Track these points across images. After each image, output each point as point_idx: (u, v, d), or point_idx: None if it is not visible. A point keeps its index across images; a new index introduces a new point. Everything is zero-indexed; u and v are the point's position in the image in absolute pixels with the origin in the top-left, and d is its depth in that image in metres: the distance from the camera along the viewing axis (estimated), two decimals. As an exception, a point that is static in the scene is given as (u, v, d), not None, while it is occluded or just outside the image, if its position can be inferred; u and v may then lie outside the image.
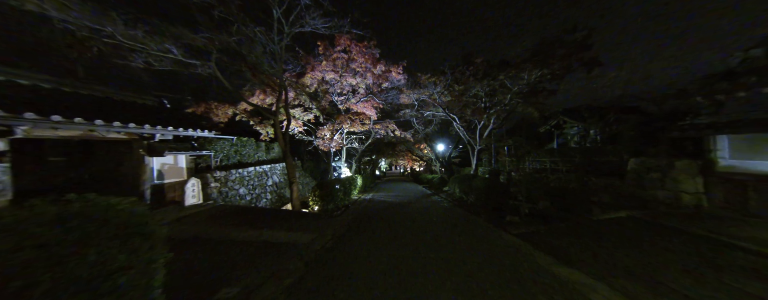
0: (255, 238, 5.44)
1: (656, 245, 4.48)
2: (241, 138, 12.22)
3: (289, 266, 4.08)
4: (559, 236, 5.27)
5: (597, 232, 5.35)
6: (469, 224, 6.97)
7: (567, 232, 5.48)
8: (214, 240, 5.22)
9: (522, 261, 4.18)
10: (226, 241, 5.14)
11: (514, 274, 3.68)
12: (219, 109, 11.85)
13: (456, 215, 8.36)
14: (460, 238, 5.59)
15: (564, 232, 5.52)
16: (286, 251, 4.71)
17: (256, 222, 6.77)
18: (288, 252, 4.68)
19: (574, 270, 3.73)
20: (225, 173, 10.12)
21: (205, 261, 4.10)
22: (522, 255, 4.42)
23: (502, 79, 12.50)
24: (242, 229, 6.08)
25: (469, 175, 12.70)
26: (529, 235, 5.48)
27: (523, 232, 5.77)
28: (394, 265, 4.13)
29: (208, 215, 7.08)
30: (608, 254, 4.24)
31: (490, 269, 3.89)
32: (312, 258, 4.45)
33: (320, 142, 13.41)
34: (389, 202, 11.74)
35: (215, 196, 9.12)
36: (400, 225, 6.99)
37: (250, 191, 11.62)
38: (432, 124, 18.39)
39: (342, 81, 11.90)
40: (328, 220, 7.64)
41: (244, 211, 7.89)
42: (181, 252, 4.38)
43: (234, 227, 6.17)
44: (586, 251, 4.40)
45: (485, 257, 4.39)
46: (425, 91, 12.99)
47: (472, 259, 4.30)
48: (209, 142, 9.53)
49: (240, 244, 4.97)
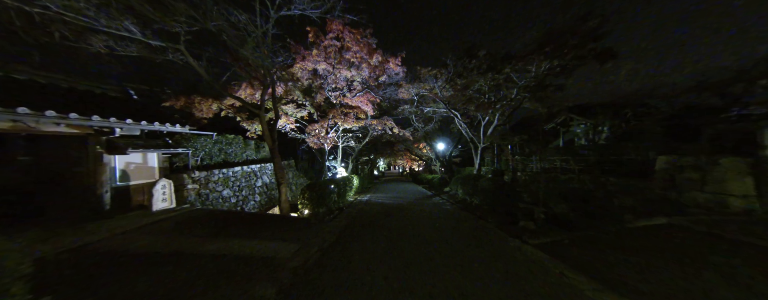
0: (224, 252, 4.52)
1: (727, 264, 3.60)
2: (226, 135, 11.27)
3: (255, 294, 3.17)
4: (590, 249, 4.40)
5: (637, 243, 4.48)
6: (479, 232, 6.08)
7: (599, 244, 4.60)
8: (172, 255, 4.29)
9: (554, 285, 3.30)
10: (187, 257, 4.22)
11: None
12: (202, 104, 10.92)
13: (462, 220, 7.48)
14: (473, 251, 4.70)
15: (595, 243, 4.65)
16: (258, 270, 3.80)
17: (232, 230, 5.84)
18: (260, 272, 3.77)
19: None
20: (206, 173, 9.17)
21: (142, 290, 3.17)
22: (553, 276, 3.54)
23: (508, 72, 11.66)
24: (213, 239, 5.16)
25: (473, 176, 11.84)
26: (552, 247, 4.61)
27: (543, 242, 4.90)
28: (393, 294, 3.23)
29: (177, 222, 6.14)
30: (666, 275, 3.37)
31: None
32: (288, 281, 3.54)
33: (311, 139, 12.46)
34: (387, 205, 10.85)
35: (193, 199, 8.18)
36: (399, 233, 6.09)
37: (235, 193, 10.67)
38: (432, 122, 17.52)
39: (336, 74, 10.97)
40: (318, 226, 6.73)
41: (223, 217, 6.96)
42: (117, 276, 3.46)
43: (203, 237, 5.24)
44: (634, 270, 3.52)
45: (508, 279, 3.51)
46: (425, 85, 12.11)
47: (493, 284, 3.41)
48: (186, 139, 8.59)
49: (202, 261, 4.05)
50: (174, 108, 9.59)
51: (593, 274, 3.49)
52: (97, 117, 4.82)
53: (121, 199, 6.51)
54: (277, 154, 9.30)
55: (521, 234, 5.61)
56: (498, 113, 12.58)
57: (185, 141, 8.55)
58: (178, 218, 6.42)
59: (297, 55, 10.17)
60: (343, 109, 11.08)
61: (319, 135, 11.97)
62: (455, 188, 12.90)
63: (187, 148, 8.33)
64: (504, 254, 4.41)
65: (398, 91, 13.39)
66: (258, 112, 8.36)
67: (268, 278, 3.57)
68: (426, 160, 30.70)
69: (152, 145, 7.14)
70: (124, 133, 6.31)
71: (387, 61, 10.79)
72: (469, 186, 10.82)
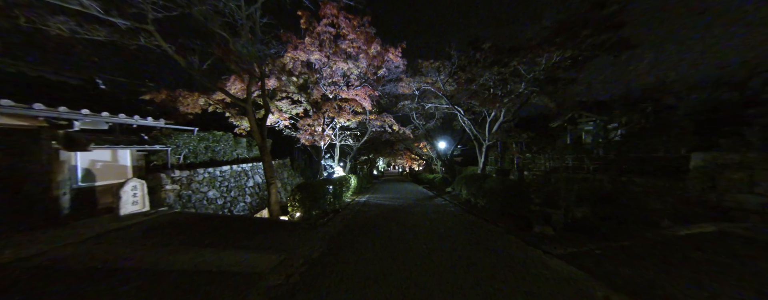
0: (192, 266, 3.76)
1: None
2: (213, 132, 10.50)
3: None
4: (632, 263, 3.66)
5: (689, 257, 3.74)
6: (491, 239, 5.34)
7: (640, 257, 3.87)
8: (126, 271, 3.54)
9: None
10: (144, 274, 3.47)
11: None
12: (188, 98, 10.12)
13: (469, 224, 6.73)
14: (489, 265, 3.95)
15: (634, 255, 3.91)
16: (226, 292, 3.06)
17: (209, 237, 5.09)
18: (229, 293, 3.02)
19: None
20: (188, 173, 8.40)
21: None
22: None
23: (515, 65, 10.91)
24: (183, 249, 4.41)
25: (477, 175, 11.10)
26: (582, 259, 3.87)
27: (569, 252, 4.16)
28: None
29: (147, 228, 5.38)
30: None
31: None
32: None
33: (304, 135, 11.69)
34: (387, 206, 10.10)
35: (172, 201, 7.41)
36: (400, 241, 5.34)
37: (223, 194, 9.90)
38: (433, 119, 16.77)
39: (331, 65, 10.19)
40: (308, 232, 5.98)
41: (202, 222, 6.20)
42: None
43: (172, 247, 4.48)
44: (700, 296, 2.79)
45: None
46: (427, 79, 11.36)
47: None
48: (166, 136, 7.82)
49: (161, 279, 3.30)
50: (154, 102, 8.81)
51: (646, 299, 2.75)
52: (41, 105, 4.06)
53: (84, 202, 5.75)
54: (266, 152, 8.55)
55: (540, 242, 4.87)
56: (504, 109, 11.84)
57: (164, 137, 7.79)
58: (149, 224, 5.66)
59: (288, 44, 9.37)
60: (338, 103, 10.28)
61: (312, 131, 11.17)
62: (459, 188, 12.17)
63: (166, 145, 7.56)
64: (526, 269, 3.67)
65: (398, 86, 12.64)
66: (245, 106, 7.59)
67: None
68: (426, 159, 29.97)
69: (124, 142, 6.38)
70: (86, 126, 5.55)
71: (386, 51, 10.03)
72: (474, 186, 10.08)
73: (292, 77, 12.35)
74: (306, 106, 14.05)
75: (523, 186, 7.29)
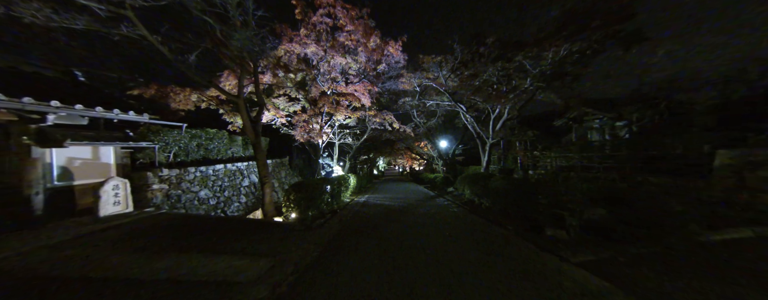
0: (167, 275, 3.35)
1: None
2: (206, 129, 10.09)
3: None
4: (663, 273, 3.24)
5: (732, 267, 3.32)
6: (500, 242, 4.92)
7: (671, 266, 3.45)
8: (91, 280, 3.13)
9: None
10: (116, 283, 3.06)
11: None
12: (179, 94, 9.73)
13: (475, 226, 6.31)
14: (501, 273, 3.54)
15: (665, 264, 3.49)
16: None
17: (195, 241, 4.68)
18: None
19: None
20: (178, 172, 7.99)
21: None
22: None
23: (520, 60, 10.49)
24: (162, 254, 4.00)
25: (481, 175, 10.68)
26: (605, 268, 3.45)
27: (590, 260, 3.74)
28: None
29: (127, 231, 4.97)
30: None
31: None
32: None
33: (299, 132, 11.26)
34: (387, 207, 9.69)
35: (159, 201, 7.00)
36: (401, 244, 4.93)
37: (215, 194, 9.49)
38: (435, 117, 16.34)
39: (328, 59, 9.76)
40: (303, 234, 5.57)
41: (189, 223, 5.79)
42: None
43: (152, 253, 4.08)
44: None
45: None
46: (429, 74, 10.93)
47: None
48: (154, 132, 7.41)
49: (133, 290, 2.89)
50: (143, 97, 8.40)
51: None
52: (1, 95, 3.64)
53: (61, 203, 5.34)
54: (261, 150, 8.15)
55: (555, 247, 4.45)
56: (508, 106, 11.41)
57: (152, 134, 7.37)
58: (131, 226, 5.25)
59: (283, 36, 8.94)
60: (335, 97, 9.84)
61: (307, 127, 10.74)
62: (462, 188, 11.75)
63: (153, 143, 7.15)
64: (546, 280, 3.25)
65: (399, 82, 12.21)
66: (237, 101, 7.18)
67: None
68: (427, 158, 29.55)
69: (106, 138, 5.97)
70: (62, 121, 5.14)
71: (386, 45, 9.59)
72: (478, 186, 9.66)
73: (290, 74, 11.94)
74: (304, 104, 13.65)
75: (530, 185, 6.87)
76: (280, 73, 11.33)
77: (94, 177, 5.96)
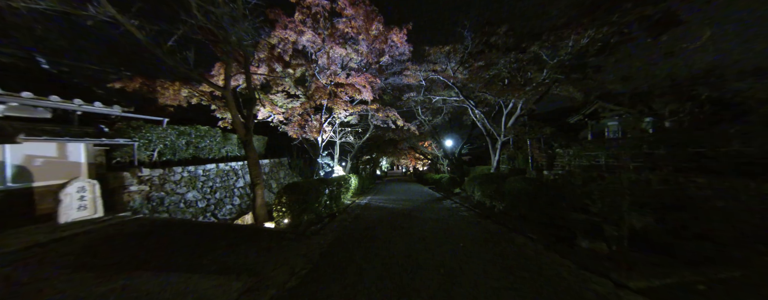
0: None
1: None
2: (197, 126, 9.41)
3: None
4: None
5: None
6: (527, 257, 4.09)
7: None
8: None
9: None
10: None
11: None
12: (168, 89, 9.05)
13: (492, 235, 5.48)
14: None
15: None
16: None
17: (161, 254, 3.94)
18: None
19: None
20: (162, 172, 7.30)
21: None
22: None
23: (536, 50, 9.61)
24: (116, 273, 3.26)
25: (493, 175, 9.83)
26: (681, 298, 2.61)
27: (654, 287, 2.90)
28: None
29: (87, 241, 4.26)
30: None
31: None
32: None
33: (293, 127, 10.52)
34: (390, 210, 8.90)
35: (137, 205, 6.30)
36: (406, 259, 4.13)
37: (205, 196, 8.79)
38: (441, 114, 15.49)
39: (327, 49, 8.98)
40: (293, 244, 4.81)
41: (164, 231, 5.07)
42: None
43: (103, 269, 3.34)
44: None
45: None
46: (436, 66, 10.10)
47: None
48: (135, 129, 6.72)
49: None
50: (126, 91, 7.74)
51: None
52: None
53: (16, 207, 4.65)
54: (252, 148, 7.40)
55: (595, 264, 3.61)
56: (522, 100, 10.53)
57: (132, 130, 6.68)
58: (93, 234, 4.54)
59: (277, 23, 8.19)
60: (332, 89, 9.05)
61: (301, 121, 9.96)
62: (471, 189, 10.90)
63: (132, 139, 6.45)
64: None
65: (403, 76, 11.41)
66: (223, 92, 6.46)
67: None
68: (432, 158, 28.69)
69: (74, 134, 5.27)
70: (15, 113, 4.45)
71: (390, 32, 8.77)
72: (490, 187, 8.80)
73: (288, 69, 11.23)
74: (303, 100, 12.93)
75: (555, 188, 6.02)
76: (278, 67, 10.63)
77: (60, 177, 5.27)
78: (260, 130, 17.21)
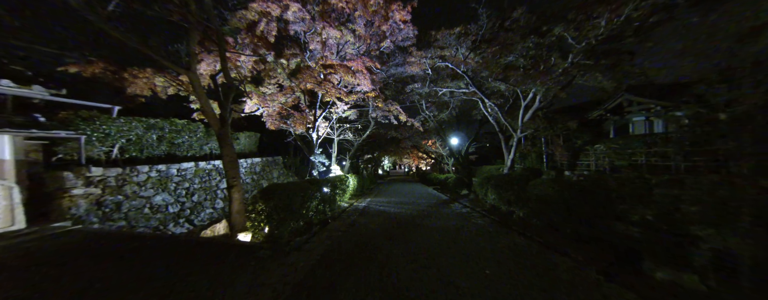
0: None
1: None
2: (172, 120, 8.28)
3: None
4: None
5: None
6: (583, 292, 2.87)
7: None
8: None
9: None
10: None
11: None
12: (140, 76, 7.91)
13: (520, 254, 4.25)
14: None
15: None
16: None
17: (67, 288, 2.78)
18: None
19: None
20: (121, 171, 6.16)
21: None
22: None
23: (561, 33, 8.34)
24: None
25: (510, 177, 8.60)
26: None
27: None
28: None
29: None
30: None
31: None
32: None
33: (272, 117, 9.33)
34: (391, 216, 7.71)
35: (83, 212, 5.15)
36: (411, 292, 2.93)
37: (179, 199, 7.65)
38: (448, 109, 14.24)
39: (318, 30, 7.77)
40: (267, 265, 3.64)
41: (97, 249, 3.92)
42: None
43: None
44: None
45: None
46: (444, 52, 8.86)
47: None
48: (85, 119, 5.58)
49: None
50: (82, 76, 6.61)
51: None
52: None
53: None
54: (228, 143, 6.24)
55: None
56: (541, 92, 9.26)
57: (82, 121, 5.54)
58: None
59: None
60: (321, 70, 7.81)
61: (282, 109, 8.75)
62: (482, 192, 9.68)
63: (77, 131, 5.31)
64: None
65: (407, 65, 10.17)
66: (186, 74, 5.28)
67: None
68: (435, 157, 27.43)
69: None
70: None
71: (391, 5, 7.48)
72: (509, 190, 7.58)
73: (281, 59, 10.06)
74: (298, 94, 11.77)
75: (604, 192, 4.79)
76: (269, 56, 9.45)
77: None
78: (253, 126, 16.11)
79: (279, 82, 11.50)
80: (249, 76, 10.72)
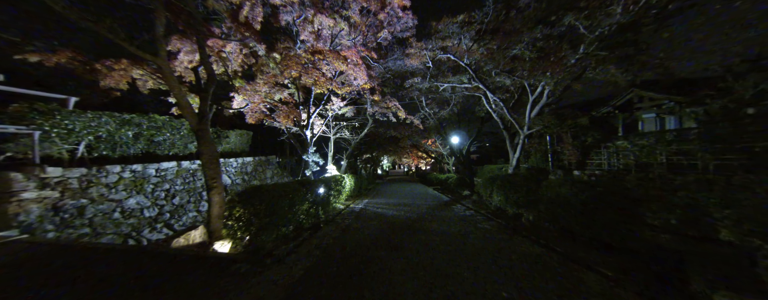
0: None
1: None
2: (151, 115, 7.62)
3: None
4: None
5: None
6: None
7: None
8: None
9: None
10: None
11: None
12: (115, 67, 7.23)
13: (539, 268, 3.62)
14: None
15: None
16: None
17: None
18: None
19: None
20: (85, 172, 5.49)
21: None
22: None
23: (573, 22, 7.74)
24: None
25: (517, 176, 7.99)
26: None
27: None
28: None
29: None
30: None
31: None
32: None
33: (251, 109, 8.73)
34: (390, 219, 7.07)
35: (35, 219, 4.49)
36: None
37: (156, 202, 6.98)
38: (449, 106, 13.62)
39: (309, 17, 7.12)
40: (239, 285, 2.99)
41: (30, 270, 3.26)
42: None
43: None
44: None
45: None
46: (446, 43, 8.23)
47: None
48: (42, 113, 4.92)
49: None
50: (44, 65, 5.93)
51: None
52: None
53: None
54: (207, 141, 5.57)
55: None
56: (550, 86, 8.66)
57: (38, 115, 4.88)
58: None
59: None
60: (307, 57, 7.15)
61: (264, 100, 8.12)
62: (487, 193, 9.08)
63: (29, 126, 4.65)
64: None
65: (406, 57, 9.54)
66: (153, 60, 4.63)
67: None
68: (435, 157, 26.83)
69: None
70: None
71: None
72: (517, 192, 6.97)
73: (274, 53, 9.41)
74: (292, 91, 11.12)
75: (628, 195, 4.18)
76: (260, 49, 8.81)
77: None
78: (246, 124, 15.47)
79: (272, 76, 10.85)
80: (239, 71, 10.08)
